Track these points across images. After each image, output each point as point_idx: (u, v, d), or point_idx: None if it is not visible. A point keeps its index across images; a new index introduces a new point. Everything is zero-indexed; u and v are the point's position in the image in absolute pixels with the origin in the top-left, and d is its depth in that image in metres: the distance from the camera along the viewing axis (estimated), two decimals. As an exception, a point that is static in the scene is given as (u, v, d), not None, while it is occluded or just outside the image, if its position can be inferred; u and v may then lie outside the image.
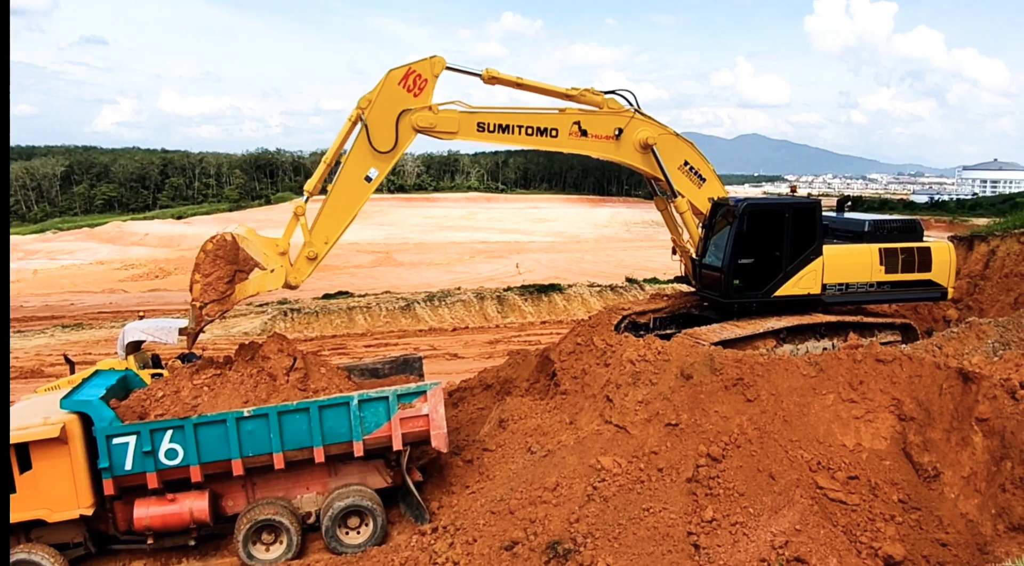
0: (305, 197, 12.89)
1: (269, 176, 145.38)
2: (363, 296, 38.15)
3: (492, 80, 13.84)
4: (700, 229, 15.42)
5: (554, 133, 13.96)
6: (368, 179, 12.82)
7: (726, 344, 13.12)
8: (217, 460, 11.29)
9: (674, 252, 16.50)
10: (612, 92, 14.55)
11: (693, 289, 16.24)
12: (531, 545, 9.47)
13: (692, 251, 15.68)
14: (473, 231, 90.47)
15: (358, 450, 11.64)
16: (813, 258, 14.81)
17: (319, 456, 11.53)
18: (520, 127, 13.77)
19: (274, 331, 13.29)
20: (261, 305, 37.38)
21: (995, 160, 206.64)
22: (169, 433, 11.08)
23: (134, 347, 15.74)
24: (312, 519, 12.01)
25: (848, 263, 15.21)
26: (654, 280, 40.04)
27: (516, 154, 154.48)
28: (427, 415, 11.79)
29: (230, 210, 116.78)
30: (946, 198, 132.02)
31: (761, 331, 14.05)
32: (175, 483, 11.40)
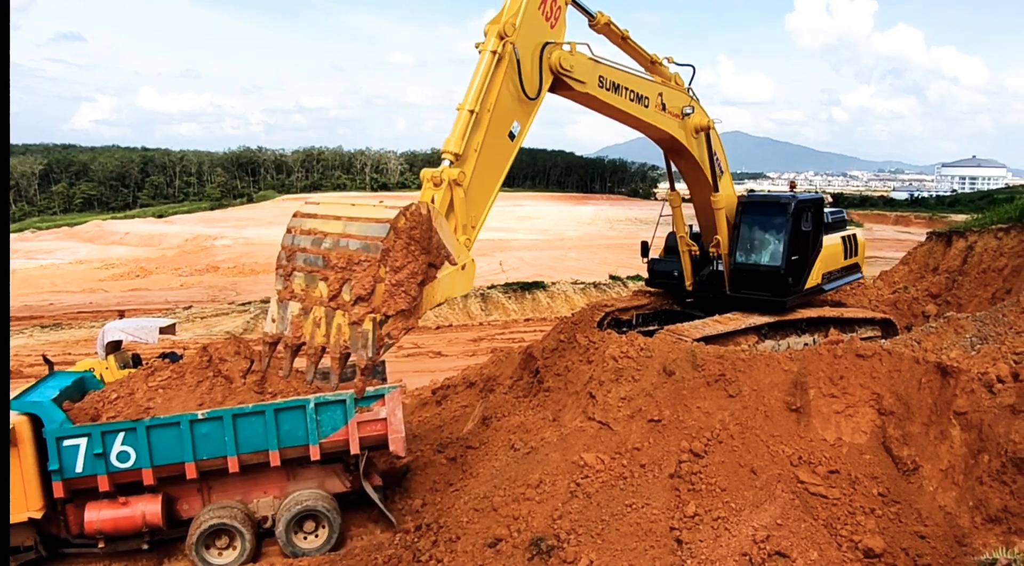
0: (448, 161, 9.22)
1: (251, 174, 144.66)
2: (346, 294, 37.99)
3: (606, 27, 12.28)
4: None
5: (646, 102, 12.63)
6: (512, 136, 10.02)
7: (708, 340, 13.20)
8: (170, 463, 11.03)
9: (644, 253, 16.47)
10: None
11: (681, 290, 16.02)
12: (514, 542, 9.48)
13: (707, 250, 15.34)
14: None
15: (314, 454, 11.37)
16: (820, 250, 15.37)
17: (274, 460, 11.28)
18: (627, 90, 12.13)
19: (229, 334, 12.86)
20: (244, 303, 37.16)
21: (974, 157, 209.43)
22: (121, 435, 10.81)
23: (114, 347, 15.57)
24: (268, 523, 11.74)
25: (833, 253, 16.03)
26: (637, 277, 40.22)
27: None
28: (385, 419, 11.49)
29: (211, 208, 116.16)
30: (926, 195, 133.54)
31: (743, 327, 14.15)
32: (128, 486, 11.14)
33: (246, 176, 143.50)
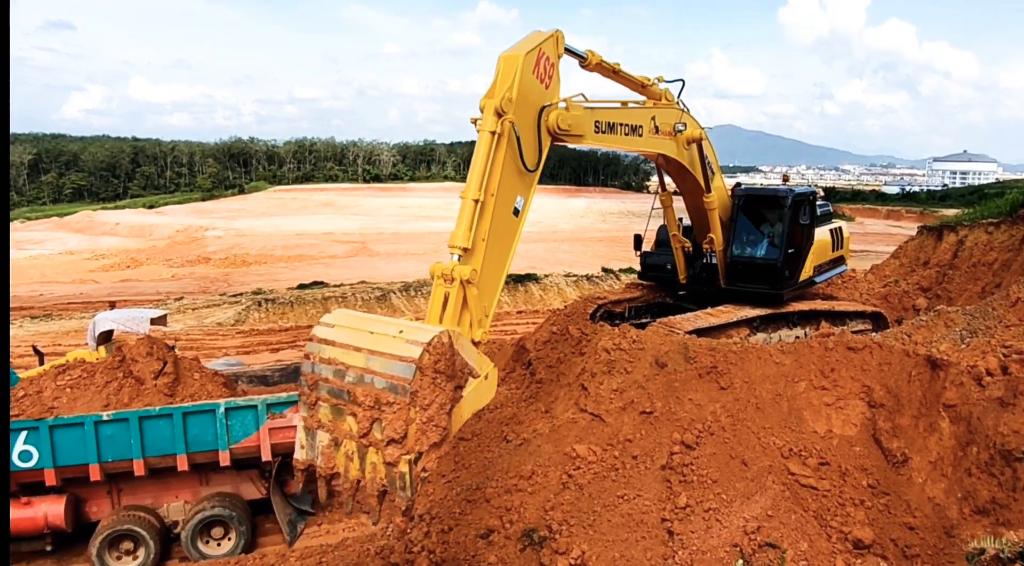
0: (457, 256, 8.41)
1: (242, 165, 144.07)
2: (339, 286, 38.02)
3: (598, 66, 11.74)
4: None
5: (640, 132, 12.17)
6: (516, 212, 9.27)
7: (700, 333, 13.23)
8: (74, 464, 10.88)
9: (637, 247, 16.51)
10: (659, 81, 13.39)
11: (674, 283, 16.17)
12: (506, 533, 9.50)
13: (697, 249, 15.43)
14: (449, 221, 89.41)
15: (224, 459, 11.29)
16: (812, 243, 15.37)
17: (182, 464, 11.18)
18: (621, 126, 11.58)
19: (151, 336, 12.15)
20: (235, 295, 37.05)
21: (965, 152, 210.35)
22: (24, 434, 10.62)
23: (105, 338, 15.53)
24: (179, 528, 11.58)
25: (822, 246, 16.00)
26: (629, 270, 40.29)
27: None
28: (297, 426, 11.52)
29: (202, 199, 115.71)
30: (917, 189, 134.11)
31: (735, 320, 14.19)
32: (32, 486, 10.97)
33: (237, 167, 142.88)
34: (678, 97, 13.55)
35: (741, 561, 8.17)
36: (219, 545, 11.43)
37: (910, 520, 8.98)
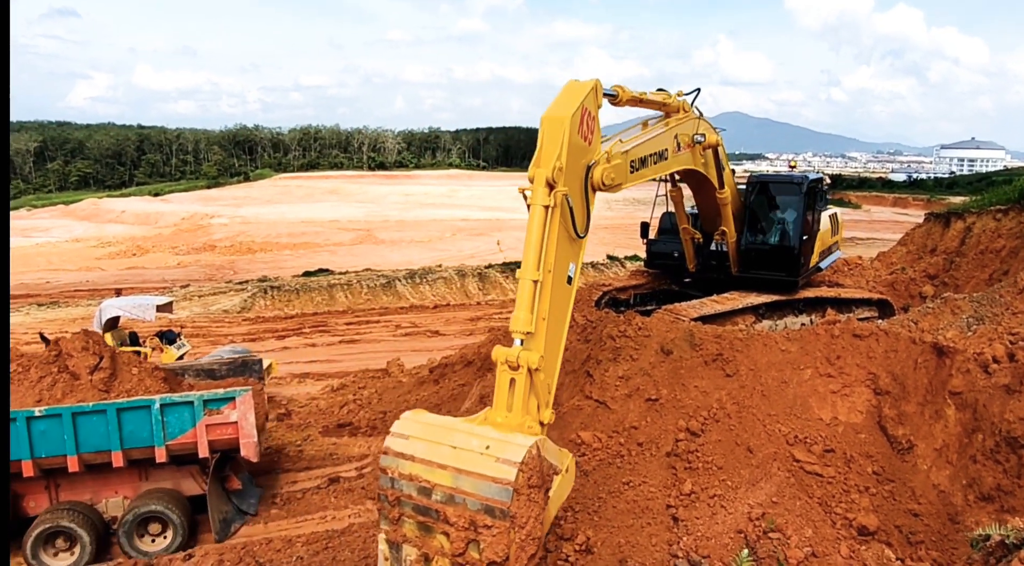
0: (520, 340, 8.01)
1: (248, 153, 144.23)
2: (344, 274, 38.05)
3: (629, 101, 11.28)
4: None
5: (666, 155, 11.82)
6: (569, 280, 8.95)
7: (706, 320, 13.22)
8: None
9: (643, 234, 16.49)
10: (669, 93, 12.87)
11: (680, 270, 16.17)
12: (512, 519, 9.52)
13: (706, 239, 15.41)
14: (454, 208, 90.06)
15: (160, 456, 11.16)
16: (819, 228, 15.47)
17: (117, 460, 11.03)
18: (650, 157, 11.15)
19: (84, 330, 11.93)
20: (241, 282, 37.14)
21: (973, 139, 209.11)
22: None
23: (111, 325, 15.60)
24: (116, 525, 11.47)
25: (825, 232, 16.01)
26: (635, 257, 40.24)
27: (496, 131, 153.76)
28: (236, 422, 11.34)
29: (208, 187, 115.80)
30: (924, 177, 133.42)
31: (741, 307, 14.17)
32: None
33: (243, 154, 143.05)
34: (692, 104, 13.40)
35: (746, 548, 8.19)
36: (154, 541, 11.34)
37: (915, 507, 9.00)
